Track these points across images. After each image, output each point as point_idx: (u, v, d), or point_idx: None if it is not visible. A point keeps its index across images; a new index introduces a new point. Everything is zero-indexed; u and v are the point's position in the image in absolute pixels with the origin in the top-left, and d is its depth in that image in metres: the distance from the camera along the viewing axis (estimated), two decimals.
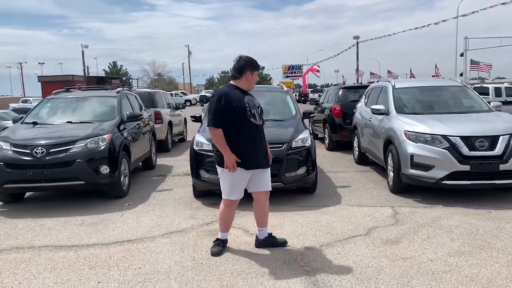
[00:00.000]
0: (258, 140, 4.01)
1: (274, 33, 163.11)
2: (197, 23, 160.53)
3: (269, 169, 4.17)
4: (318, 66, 57.40)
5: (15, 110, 22.66)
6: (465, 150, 5.54)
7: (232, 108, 3.83)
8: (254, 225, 4.99)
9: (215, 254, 4.12)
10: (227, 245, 4.28)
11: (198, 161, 5.93)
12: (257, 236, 4.36)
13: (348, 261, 3.93)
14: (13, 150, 6.00)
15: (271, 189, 4.20)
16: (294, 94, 40.32)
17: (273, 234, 4.37)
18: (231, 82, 4.07)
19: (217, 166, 4.05)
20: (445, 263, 3.82)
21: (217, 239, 4.27)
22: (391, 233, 4.66)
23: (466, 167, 5.51)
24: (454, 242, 4.33)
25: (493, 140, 5.58)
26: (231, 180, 3.97)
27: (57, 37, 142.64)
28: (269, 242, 4.29)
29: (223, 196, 4.10)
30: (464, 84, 7.98)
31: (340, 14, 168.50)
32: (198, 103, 46.39)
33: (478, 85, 23.51)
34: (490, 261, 3.84)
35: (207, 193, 6.29)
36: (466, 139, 5.59)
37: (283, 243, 4.32)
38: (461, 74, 31.70)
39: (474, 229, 4.71)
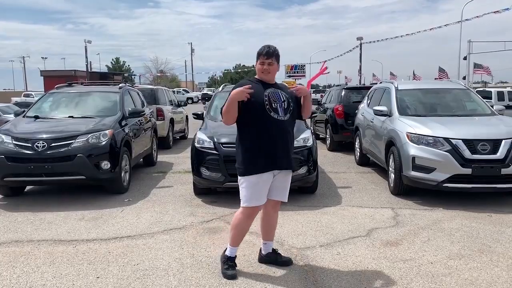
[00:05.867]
0: (279, 137, 3.47)
1: (278, 33, 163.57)
2: (202, 21, 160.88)
3: (290, 176, 3.69)
4: (327, 67, 58.14)
5: (17, 104, 22.71)
6: (467, 153, 5.53)
7: (248, 102, 3.39)
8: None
9: (231, 277, 3.59)
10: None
11: (199, 159, 5.92)
12: (260, 249, 3.95)
13: (347, 262, 3.92)
14: (14, 144, 5.99)
15: (286, 201, 3.74)
16: None
17: (278, 251, 3.95)
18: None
19: (239, 177, 3.55)
20: (445, 266, 3.81)
21: (227, 257, 3.69)
22: (391, 234, 4.65)
23: (468, 170, 5.50)
24: (454, 245, 4.32)
25: (495, 144, 5.56)
26: (250, 186, 3.47)
27: (61, 32, 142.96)
28: (272, 258, 3.87)
29: (241, 204, 3.56)
30: (467, 87, 7.96)
31: (345, 15, 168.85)
32: (200, 101, 46.40)
33: (481, 89, 23.44)
34: (490, 265, 3.83)
35: (208, 191, 6.32)
36: (469, 142, 5.57)
37: (287, 262, 3.86)
38: (464, 78, 31.63)
39: (475, 232, 4.70)
